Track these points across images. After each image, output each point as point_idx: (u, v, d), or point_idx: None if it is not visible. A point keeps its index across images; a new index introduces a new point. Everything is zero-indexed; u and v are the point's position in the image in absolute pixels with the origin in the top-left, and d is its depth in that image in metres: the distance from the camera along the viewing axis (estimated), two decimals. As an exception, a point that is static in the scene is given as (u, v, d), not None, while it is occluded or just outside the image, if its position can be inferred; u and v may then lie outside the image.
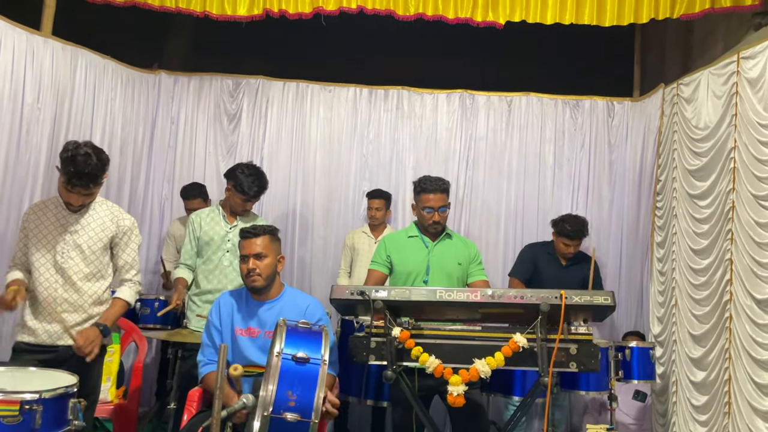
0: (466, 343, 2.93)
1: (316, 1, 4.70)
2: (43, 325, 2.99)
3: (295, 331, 2.60)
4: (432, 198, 3.58)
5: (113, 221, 3.12)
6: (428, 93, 5.67)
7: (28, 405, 2.32)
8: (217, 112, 5.87)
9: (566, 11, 4.46)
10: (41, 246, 3.01)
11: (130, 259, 3.17)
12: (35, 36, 4.54)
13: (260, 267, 3.05)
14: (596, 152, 5.44)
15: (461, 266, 3.61)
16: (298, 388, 2.42)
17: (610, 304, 2.77)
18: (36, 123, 4.59)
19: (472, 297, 2.85)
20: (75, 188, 2.89)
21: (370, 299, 2.82)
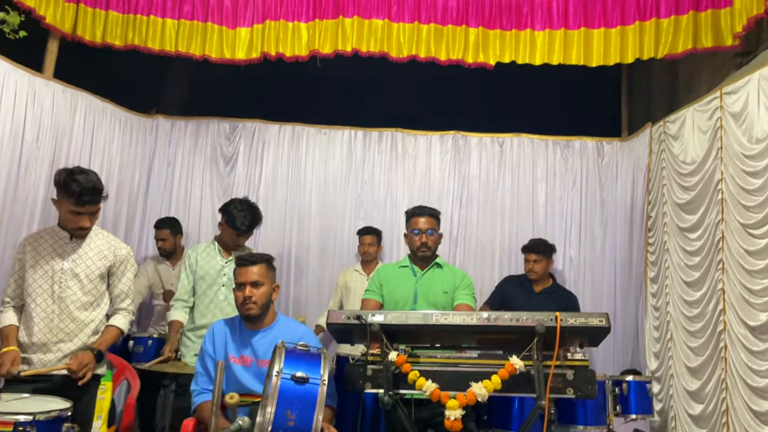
0: (463, 370, 2.91)
1: (312, 43, 4.86)
2: (38, 354, 2.98)
3: (294, 353, 2.60)
4: (420, 221, 3.69)
5: (110, 250, 3.15)
6: (421, 134, 5.79)
7: (22, 427, 2.31)
8: (214, 154, 5.97)
9: (554, 52, 4.63)
10: (38, 276, 3.02)
11: (125, 288, 3.20)
12: (37, 78, 4.65)
13: (256, 295, 3.06)
14: (587, 191, 5.54)
15: (447, 294, 3.64)
16: (297, 408, 2.41)
17: (604, 326, 2.78)
18: (35, 162, 4.66)
19: (467, 320, 2.86)
20: (86, 206, 2.95)
21: (367, 323, 2.83)
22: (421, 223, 3.69)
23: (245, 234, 4.08)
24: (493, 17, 4.70)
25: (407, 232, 3.77)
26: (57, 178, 3.00)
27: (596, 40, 4.59)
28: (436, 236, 3.73)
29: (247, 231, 4.06)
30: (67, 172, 2.98)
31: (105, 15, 5.04)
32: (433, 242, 3.70)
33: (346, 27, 4.81)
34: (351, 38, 4.80)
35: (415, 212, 3.75)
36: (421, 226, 3.68)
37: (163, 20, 5.02)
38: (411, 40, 4.77)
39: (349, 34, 4.81)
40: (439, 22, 4.73)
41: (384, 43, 4.78)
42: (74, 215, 2.99)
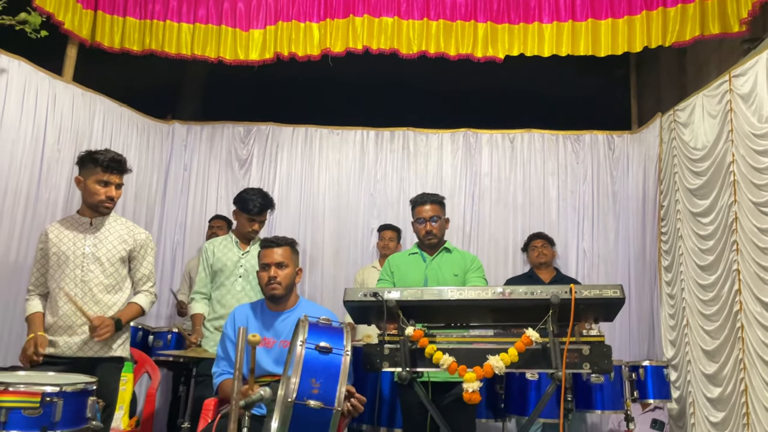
0: (480, 347, 2.93)
1: (323, 43, 4.94)
2: (63, 338, 3.03)
3: (317, 326, 2.63)
4: (423, 209, 3.69)
5: (130, 235, 3.22)
6: (433, 132, 5.85)
7: (49, 398, 2.35)
8: (229, 158, 6.06)
9: (562, 44, 4.68)
10: (62, 262, 3.08)
11: (147, 271, 3.26)
12: (57, 81, 4.77)
13: (280, 276, 3.11)
14: (599, 184, 5.56)
15: (457, 278, 3.65)
16: (322, 377, 2.43)
17: (619, 297, 2.79)
18: (56, 163, 4.75)
19: (482, 294, 2.89)
20: (113, 173, 3.08)
21: (383, 300, 2.86)
22: (425, 211, 3.69)
23: (258, 217, 4.07)
24: (501, 12, 4.77)
25: (413, 220, 3.78)
26: (80, 156, 3.14)
27: (604, 31, 4.64)
28: (441, 222, 3.72)
29: (259, 213, 4.06)
30: (88, 150, 3.15)
31: (123, 21, 5.17)
32: (439, 229, 3.69)
33: (356, 25, 4.90)
34: (361, 36, 4.89)
35: (418, 200, 3.75)
36: (425, 214, 3.68)
37: (179, 25, 5.14)
38: (420, 37, 4.85)
39: (359, 33, 4.90)
40: (448, 18, 4.81)
41: (394, 40, 4.86)
42: (103, 185, 3.09)
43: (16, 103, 4.40)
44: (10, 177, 4.37)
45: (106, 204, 3.13)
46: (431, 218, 3.68)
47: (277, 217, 5.84)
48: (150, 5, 5.17)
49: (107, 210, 3.17)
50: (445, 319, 3.07)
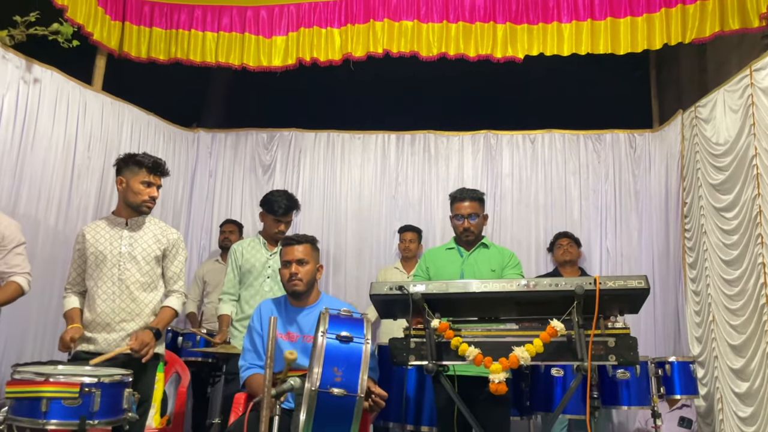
0: (505, 340, 2.96)
1: (345, 48, 5.03)
2: (102, 335, 3.12)
3: (338, 318, 2.69)
4: (462, 206, 3.68)
5: (163, 235, 3.31)
6: (453, 135, 5.90)
7: (88, 388, 2.42)
8: (253, 164, 6.16)
9: (582, 43, 4.71)
10: (99, 261, 3.18)
11: (178, 270, 3.35)
12: (87, 90, 4.90)
13: (301, 272, 3.17)
14: (621, 183, 5.56)
15: (494, 273, 3.63)
16: (344, 365, 2.49)
17: (643, 287, 2.80)
18: (86, 170, 4.88)
19: (507, 287, 2.91)
20: (156, 175, 3.21)
21: (409, 293, 2.90)
22: (464, 207, 3.66)
23: (283, 218, 4.15)
24: (520, 12, 4.82)
25: (451, 215, 3.76)
26: (122, 159, 3.26)
27: (623, 29, 4.66)
28: (480, 220, 3.69)
29: (284, 214, 4.14)
30: (128, 153, 3.27)
31: (149, 31, 5.31)
32: (476, 226, 3.67)
33: (376, 30, 4.98)
34: (382, 40, 4.97)
35: (457, 196, 3.71)
36: (464, 210, 3.66)
37: (204, 33, 5.26)
38: (440, 39, 4.91)
39: (380, 37, 4.97)
40: (467, 20, 4.86)
41: (414, 43, 4.93)
42: (146, 186, 3.21)
43: (49, 112, 4.53)
44: (43, 183, 4.50)
45: (148, 204, 3.24)
46: (469, 215, 3.65)
47: (301, 220, 5.92)
48: (175, 16, 5.30)
49: (148, 210, 3.27)
50: (471, 312, 3.10)
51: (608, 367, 4.01)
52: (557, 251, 5.13)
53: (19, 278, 3.15)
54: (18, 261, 3.17)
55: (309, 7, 5.13)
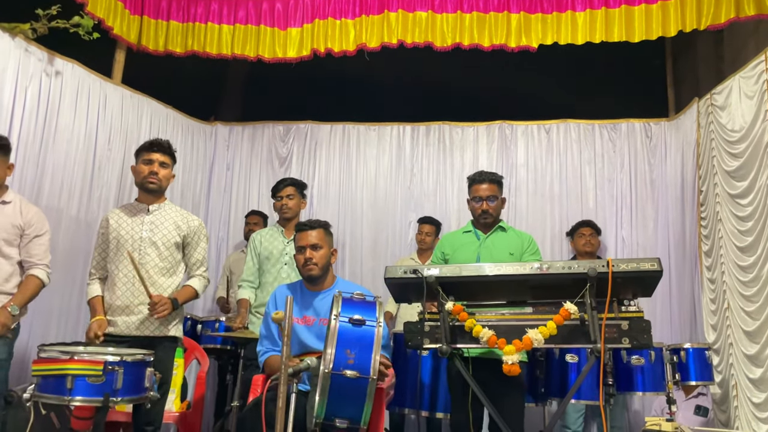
0: (518, 324, 2.98)
1: (359, 38, 5.08)
2: (122, 317, 3.20)
3: (351, 301, 2.75)
4: (480, 188, 3.67)
5: (184, 221, 3.38)
6: (468, 126, 5.92)
7: (111, 366, 2.50)
8: (269, 156, 6.24)
9: (596, 30, 4.71)
10: (121, 245, 3.26)
11: (200, 257, 3.42)
12: (107, 83, 5.00)
13: (316, 257, 3.22)
14: (636, 172, 5.56)
15: (513, 256, 3.62)
16: (356, 348, 2.54)
17: (656, 269, 2.82)
18: (107, 162, 4.98)
19: (521, 270, 2.95)
20: (155, 152, 3.27)
21: (423, 276, 2.94)
22: (482, 190, 3.66)
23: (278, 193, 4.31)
24: (533, 2, 4.84)
25: (469, 198, 3.75)
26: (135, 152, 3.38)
27: (638, 17, 4.66)
28: (498, 203, 3.69)
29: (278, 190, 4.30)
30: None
31: (166, 25, 5.40)
32: (495, 209, 3.67)
33: (391, 21, 5.02)
34: (396, 31, 5.01)
35: (475, 179, 3.71)
36: (482, 193, 3.65)
37: (220, 26, 5.34)
38: (455, 30, 4.95)
39: (394, 27, 5.02)
40: (482, 10, 4.90)
41: (428, 33, 4.97)
42: (146, 164, 3.30)
43: (70, 104, 4.63)
44: (65, 175, 4.60)
45: (149, 179, 3.30)
46: (488, 197, 3.64)
47: (317, 211, 5.98)
48: (192, 9, 5.38)
49: (153, 186, 3.31)
50: (484, 296, 3.13)
51: (623, 353, 4.02)
52: (578, 240, 5.13)
53: (37, 271, 3.20)
54: (38, 251, 3.23)
55: (323, -2, 5.19)
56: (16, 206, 3.24)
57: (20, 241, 3.21)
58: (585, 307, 2.86)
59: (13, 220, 3.19)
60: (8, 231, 3.17)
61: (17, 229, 3.20)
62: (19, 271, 3.21)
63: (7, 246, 3.16)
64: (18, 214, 3.21)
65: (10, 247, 3.17)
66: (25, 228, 3.23)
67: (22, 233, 3.21)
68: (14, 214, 3.21)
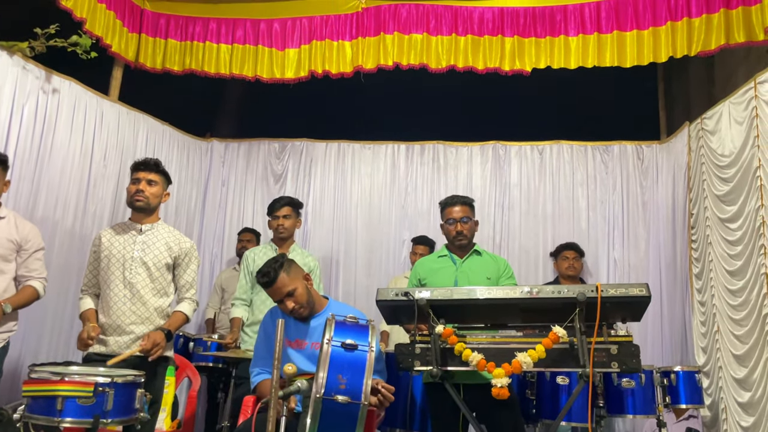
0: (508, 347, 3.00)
1: (356, 60, 5.13)
2: (114, 337, 3.21)
3: (344, 324, 2.76)
4: (453, 210, 3.71)
5: (176, 243, 3.39)
6: (462, 145, 5.97)
7: (101, 387, 2.50)
8: (265, 173, 6.27)
9: (588, 56, 4.78)
10: (112, 264, 3.28)
11: (190, 279, 3.43)
12: (104, 100, 5.03)
13: (297, 300, 3.15)
14: (629, 194, 5.60)
15: (490, 281, 3.65)
16: (348, 373, 2.55)
17: (645, 295, 2.85)
18: (102, 179, 5.00)
19: (511, 294, 2.98)
20: (141, 171, 3.30)
21: (414, 299, 2.97)
22: (455, 212, 3.70)
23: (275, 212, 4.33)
24: (527, 26, 4.90)
25: (442, 222, 3.80)
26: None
27: (629, 42, 4.73)
28: (471, 224, 3.73)
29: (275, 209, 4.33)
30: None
31: (164, 43, 5.44)
32: (469, 230, 3.70)
33: (387, 43, 5.08)
34: (392, 53, 5.07)
35: (448, 202, 3.77)
36: (455, 215, 3.69)
37: (218, 45, 5.39)
38: (449, 52, 5.00)
39: (390, 49, 5.07)
40: (476, 33, 4.96)
41: (423, 55, 5.02)
42: (133, 183, 3.33)
43: (67, 121, 4.66)
44: (60, 191, 4.62)
45: (136, 198, 3.32)
46: (461, 219, 3.69)
47: (311, 229, 6.02)
48: (190, 28, 5.43)
49: (139, 204, 3.32)
50: (475, 319, 3.16)
51: (613, 376, 4.04)
52: (561, 263, 5.17)
53: (35, 282, 3.26)
54: (37, 266, 3.31)
55: (321, 20, 5.25)
56: (11, 222, 3.28)
57: (17, 256, 3.25)
58: (574, 331, 2.89)
59: (8, 235, 3.23)
60: (4, 246, 3.20)
61: (13, 244, 3.24)
62: (14, 287, 3.25)
63: (3, 261, 3.19)
64: (13, 230, 3.25)
65: (5, 263, 3.20)
66: (23, 244, 3.27)
67: (19, 249, 3.26)
68: (9, 229, 3.24)
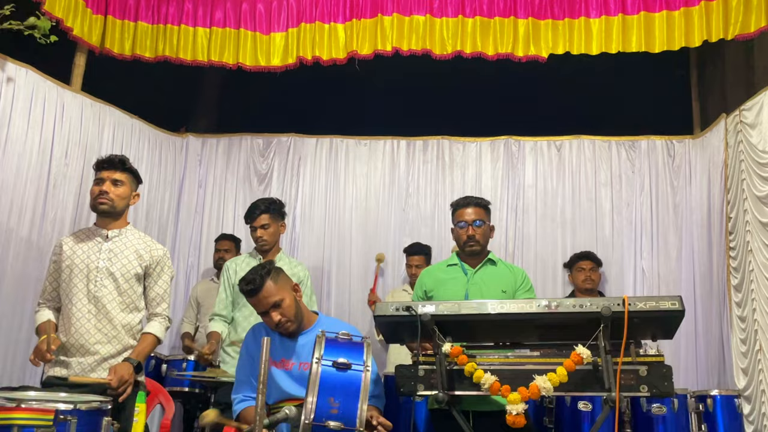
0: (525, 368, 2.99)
1: (350, 45, 5.12)
2: (76, 358, 3.18)
3: (335, 342, 2.74)
4: (465, 212, 3.66)
5: (147, 250, 3.37)
6: (470, 141, 5.97)
7: (63, 416, 2.47)
8: (247, 173, 6.26)
9: (612, 40, 4.78)
10: (74, 275, 3.25)
11: (161, 291, 3.40)
12: (66, 90, 5.02)
13: (284, 313, 3.13)
14: (658, 195, 5.61)
15: (506, 294, 3.61)
16: (341, 396, 2.54)
17: (678, 309, 2.84)
18: (63, 179, 4.99)
19: (526, 308, 2.96)
20: (105, 170, 3.26)
21: (417, 314, 2.95)
22: (468, 214, 3.65)
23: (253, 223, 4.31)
24: (543, 6, 4.91)
25: (453, 225, 3.75)
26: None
27: (658, 24, 4.73)
28: (486, 228, 3.68)
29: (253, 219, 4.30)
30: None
31: (134, 26, 5.43)
32: (482, 235, 3.65)
33: (385, 26, 5.08)
34: (391, 37, 5.06)
35: (460, 203, 3.73)
36: (468, 217, 3.64)
37: (195, 29, 5.38)
38: (455, 36, 5.01)
39: (388, 33, 5.07)
40: (485, 15, 4.96)
41: (426, 40, 5.02)
42: (96, 184, 3.29)
43: (23, 114, 4.65)
44: (15, 194, 4.60)
45: (99, 200, 3.28)
46: (474, 222, 3.63)
47: (300, 236, 6.01)
48: (163, 9, 5.43)
49: (103, 207, 3.28)
50: (486, 337, 3.14)
51: (642, 401, 4.05)
52: (577, 274, 5.18)
53: None
54: None
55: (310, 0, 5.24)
56: None
57: None
58: (598, 351, 2.88)
59: None
60: None
61: None
62: None
63: None
64: None
65: None
66: None
67: None
68: None
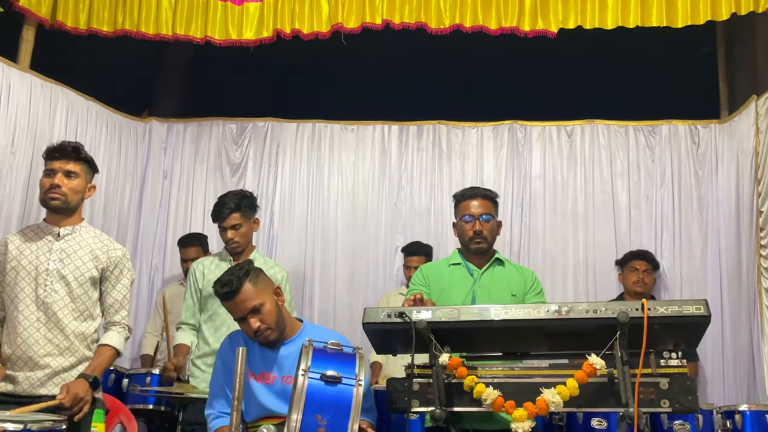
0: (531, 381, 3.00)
1: (334, 17, 5.12)
2: (24, 372, 3.17)
3: (324, 352, 2.75)
4: (471, 204, 3.65)
5: (103, 251, 3.36)
6: (470, 126, 5.99)
7: (12, 437, 2.47)
8: (218, 162, 6.25)
9: (629, 13, 4.79)
10: (20, 278, 3.24)
11: (120, 297, 3.39)
12: (12, 68, 4.98)
13: (264, 319, 3.15)
14: (681, 186, 5.64)
15: (515, 298, 3.62)
16: (329, 412, 2.55)
17: (703, 314, 2.85)
18: (10, 169, 4.95)
19: (534, 313, 2.97)
20: (56, 160, 3.24)
21: (411, 320, 2.95)
22: (474, 206, 3.63)
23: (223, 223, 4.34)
24: (552, -25, 4.92)
25: (456, 220, 3.73)
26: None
27: (681, -4, 4.75)
28: (494, 224, 3.66)
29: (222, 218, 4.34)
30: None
31: (90, -4, 5.39)
32: (490, 231, 3.63)
33: (375, -5, 5.07)
34: (381, 8, 5.06)
35: (465, 194, 3.70)
36: (474, 210, 3.62)
37: (158, -1, 5.35)
38: (453, 8, 5.01)
39: (378, 4, 5.07)
40: (487, -16, 4.97)
41: (421, 12, 5.02)
42: (47, 176, 3.27)
43: (-38, 96, 4.62)
44: (-46, 185, 4.58)
45: (50, 194, 3.26)
46: (481, 216, 3.61)
47: (279, 233, 6.00)
48: (123, -24, 5.39)
49: (55, 203, 3.27)
50: (488, 346, 3.16)
51: (663, 417, 4.07)
52: (629, 275, 5.19)
53: None
54: None
55: (289, -35, 5.23)
56: None
57: None
58: (614, 361, 2.90)
59: None
60: None
61: None
62: None
63: None
64: None
65: None
66: None
67: None
68: None
